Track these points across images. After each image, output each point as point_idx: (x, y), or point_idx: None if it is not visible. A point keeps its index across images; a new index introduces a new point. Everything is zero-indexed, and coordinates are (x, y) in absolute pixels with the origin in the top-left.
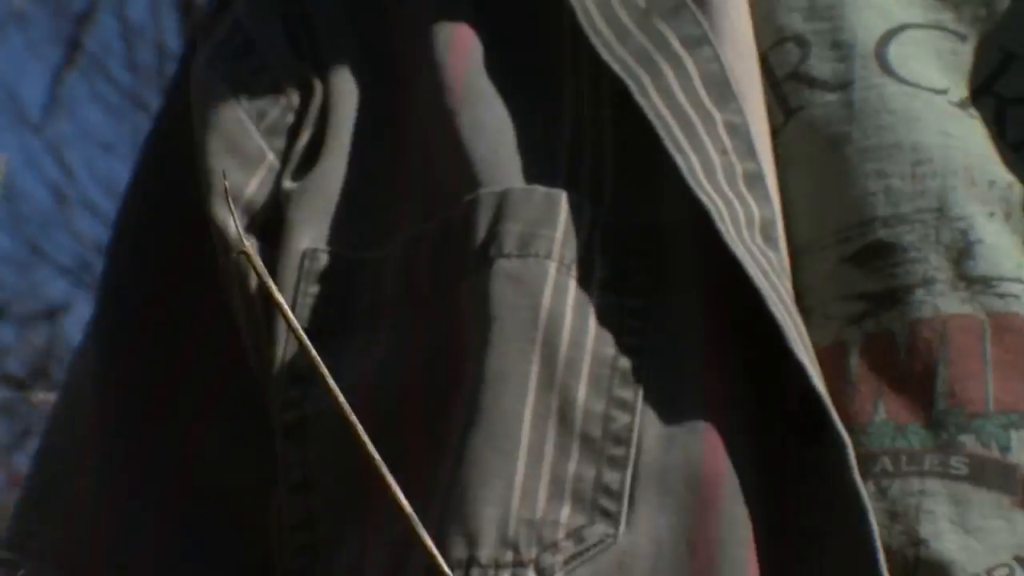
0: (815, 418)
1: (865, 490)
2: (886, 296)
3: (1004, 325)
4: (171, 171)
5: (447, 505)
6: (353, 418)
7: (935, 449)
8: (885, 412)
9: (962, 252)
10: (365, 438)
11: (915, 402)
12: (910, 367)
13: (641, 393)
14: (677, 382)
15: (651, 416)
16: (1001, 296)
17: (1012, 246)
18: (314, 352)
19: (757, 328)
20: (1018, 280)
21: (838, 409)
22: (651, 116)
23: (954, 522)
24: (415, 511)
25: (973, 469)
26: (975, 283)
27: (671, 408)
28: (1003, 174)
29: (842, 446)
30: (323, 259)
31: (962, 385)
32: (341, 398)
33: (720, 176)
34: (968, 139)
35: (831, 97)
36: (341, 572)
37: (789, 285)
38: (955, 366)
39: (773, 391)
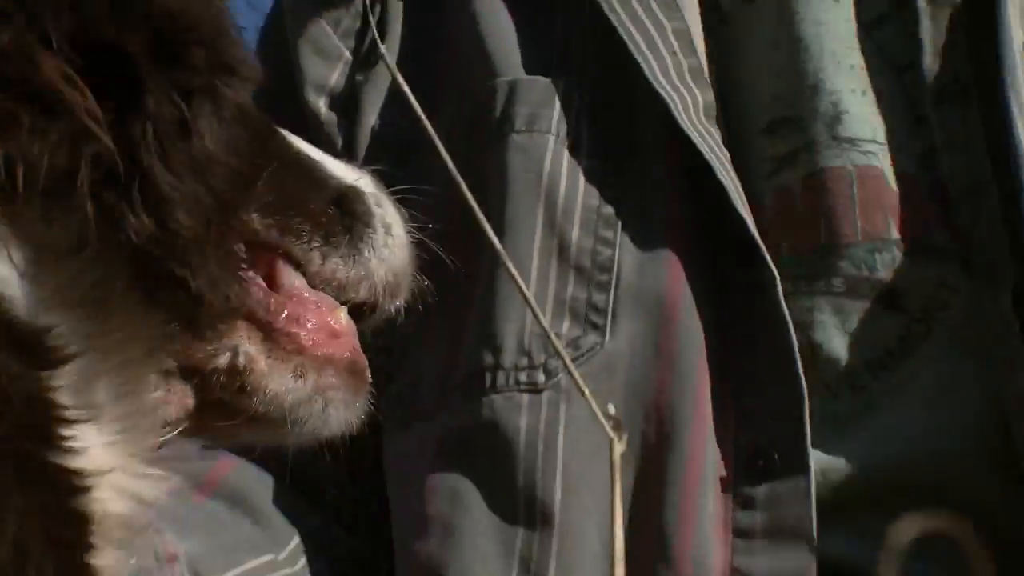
0: (749, 253)
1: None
2: (786, 157)
3: (866, 174)
4: (274, 63)
5: (479, 326)
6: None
7: (821, 273)
8: (788, 247)
9: (834, 119)
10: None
11: (807, 239)
12: (803, 212)
13: (620, 232)
14: (647, 224)
15: (628, 250)
16: (864, 153)
17: (870, 115)
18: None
19: (707, 185)
20: (874, 141)
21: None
22: (619, 28)
23: (838, 328)
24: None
25: (849, 286)
26: (844, 143)
27: (642, 244)
28: (859, 59)
29: (770, 273)
30: (387, 131)
31: (838, 222)
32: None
33: (672, 72)
34: (836, 26)
35: (748, 5)
36: (401, 390)
37: (727, 152)
38: (832, 208)
39: (720, 232)
